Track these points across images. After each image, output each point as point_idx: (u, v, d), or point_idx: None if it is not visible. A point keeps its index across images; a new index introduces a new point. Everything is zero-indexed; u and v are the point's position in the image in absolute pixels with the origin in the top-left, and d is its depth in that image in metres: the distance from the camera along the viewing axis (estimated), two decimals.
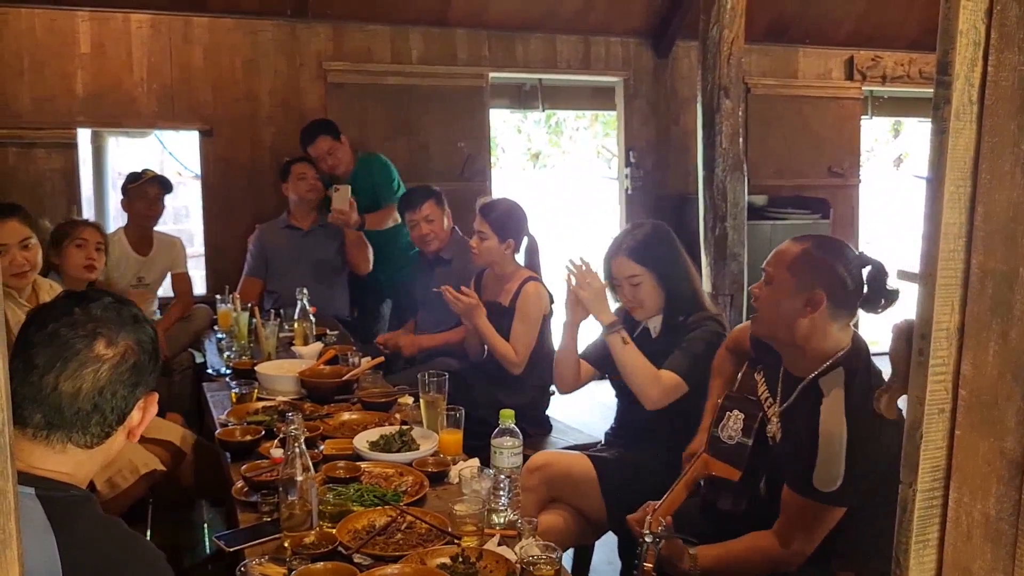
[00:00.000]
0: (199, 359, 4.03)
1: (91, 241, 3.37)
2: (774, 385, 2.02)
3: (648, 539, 1.82)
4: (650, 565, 1.81)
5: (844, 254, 1.89)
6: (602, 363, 2.64)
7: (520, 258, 3.33)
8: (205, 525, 3.37)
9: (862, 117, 6.47)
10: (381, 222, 4.33)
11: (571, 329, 2.61)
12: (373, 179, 4.43)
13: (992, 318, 0.88)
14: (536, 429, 3.14)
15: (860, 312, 1.92)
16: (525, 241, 3.30)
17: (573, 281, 2.51)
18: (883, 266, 1.85)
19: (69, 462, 1.24)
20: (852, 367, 1.86)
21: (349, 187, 4.16)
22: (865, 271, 1.86)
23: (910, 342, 0.94)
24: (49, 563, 1.12)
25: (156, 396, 1.35)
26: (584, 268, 2.51)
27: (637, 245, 2.53)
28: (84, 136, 4.81)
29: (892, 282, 1.83)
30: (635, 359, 2.43)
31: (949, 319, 0.91)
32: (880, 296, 1.83)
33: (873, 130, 10.25)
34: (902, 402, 1.00)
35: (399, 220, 4.16)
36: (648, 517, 1.90)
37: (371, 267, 4.33)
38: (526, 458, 2.29)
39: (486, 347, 3.21)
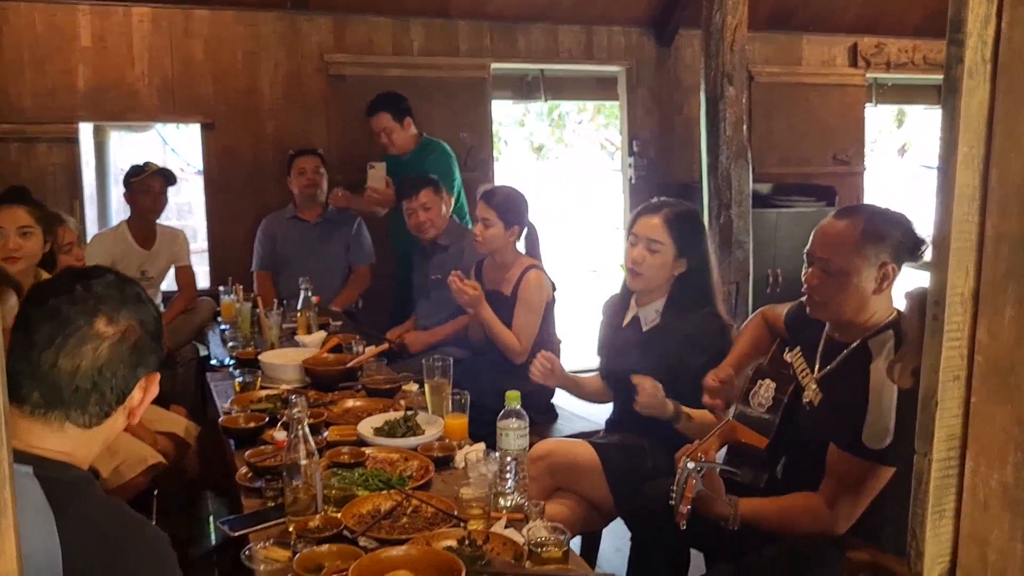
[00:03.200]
0: (203, 352, 4.02)
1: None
2: (812, 355, 2.00)
3: (690, 466, 1.78)
4: (690, 494, 1.77)
5: (898, 221, 1.86)
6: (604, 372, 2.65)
7: (520, 246, 3.30)
8: (210, 516, 3.36)
9: (866, 104, 6.43)
10: None
11: (574, 389, 2.74)
12: (424, 166, 4.17)
13: (1008, 282, 0.86)
14: (542, 416, 3.12)
15: None
16: (525, 229, 3.28)
17: (537, 373, 2.55)
18: (905, 216, 1.86)
19: (68, 441, 1.21)
20: (901, 330, 1.84)
21: (384, 165, 4.11)
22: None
23: (924, 309, 0.92)
24: (48, 545, 1.09)
25: (158, 376, 1.31)
26: (651, 384, 2.30)
27: (674, 217, 2.44)
28: (86, 131, 4.79)
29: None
30: (701, 421, 2.27)
31: (963, 284, 0.89)
32: (918, 244, 1.83)
33: (877, 120, 10.20)
34: None
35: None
36: (686, 456, 1.86)
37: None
38: (531, 444, 2.26)
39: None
